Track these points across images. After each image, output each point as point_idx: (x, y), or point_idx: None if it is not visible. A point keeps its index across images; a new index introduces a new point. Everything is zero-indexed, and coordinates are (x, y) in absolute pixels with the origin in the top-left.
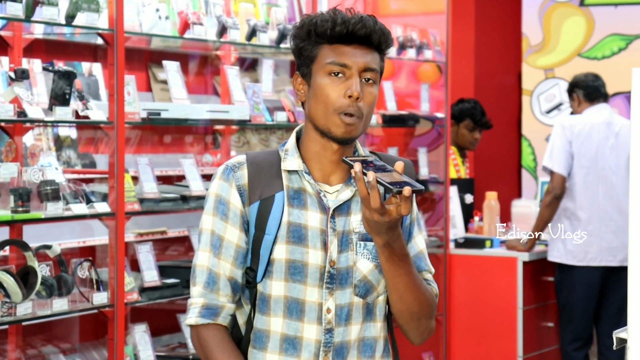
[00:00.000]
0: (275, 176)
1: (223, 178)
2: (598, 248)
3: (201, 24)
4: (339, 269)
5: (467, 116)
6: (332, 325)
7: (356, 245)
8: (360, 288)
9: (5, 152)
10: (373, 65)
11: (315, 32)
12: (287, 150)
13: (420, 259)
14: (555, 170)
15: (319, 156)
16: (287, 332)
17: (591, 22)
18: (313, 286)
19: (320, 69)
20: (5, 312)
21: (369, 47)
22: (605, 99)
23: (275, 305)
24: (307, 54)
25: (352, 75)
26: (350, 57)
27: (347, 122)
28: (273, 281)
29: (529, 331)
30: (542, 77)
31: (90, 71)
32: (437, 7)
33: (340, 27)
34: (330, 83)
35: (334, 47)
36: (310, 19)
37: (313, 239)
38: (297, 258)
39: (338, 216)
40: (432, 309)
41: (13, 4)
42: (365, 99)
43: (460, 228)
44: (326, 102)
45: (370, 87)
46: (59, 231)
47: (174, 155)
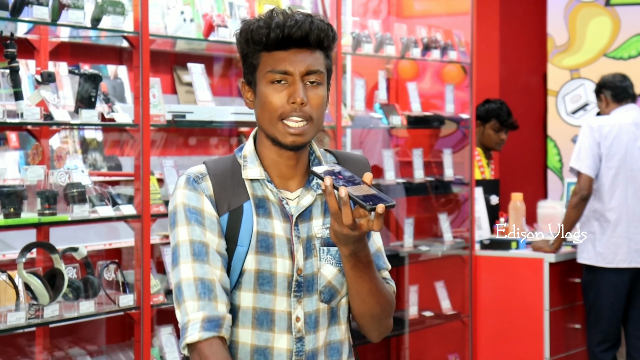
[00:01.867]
0: (238, 185)
1: (189, 188)
2: (627, 249)
3: (226, 26)
4: (306, 276)
5: (493, 117)
6: (302, 333)
7: (319, 251)
8: (325, 294)
9: (32, 155)
10: (315, 67)
11: (253, 40)
12: (246, 157)
13: (378, 257)
14: (582, 172)
15: (276, 163)
16: (257, 343)
17: (617, 22)
18: (282, 295)
19: (262, 77)
20: (33, 315)
21: (309, 48)
22: (633, 100)
23: (244, 316)
24: (249, 62)
25: (295, 81)
26: (290, 63)
27: (292, 129)
28: (242, 292)
29: (556, 333)
30: (568, 77)
31: (115, 74)
32: (462, 7)
33: (275, 33)
34: (273, 91)
35: (272, 55)
36: (247, 25)
37: (280, 248)
38: (265, 268)
39: (301, 223)
40: (391, 308)
41: (39, 8)
42: (311, 102)
43: (485, 229)
44: (270, 110)
45: (316, 89)
46: (85, 233)
47: (199, 157)
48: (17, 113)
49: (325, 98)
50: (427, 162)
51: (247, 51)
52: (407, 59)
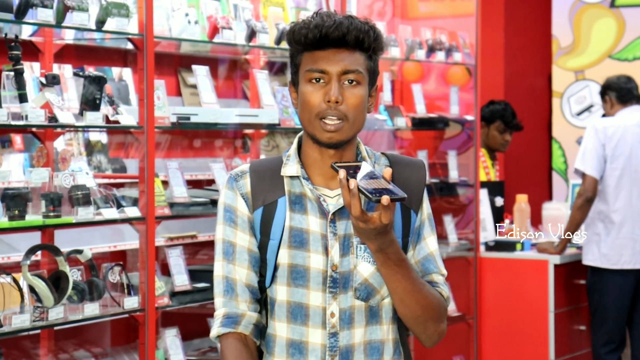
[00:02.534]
0: (277, 182)
1: (228, 187)
2: (632, 251)
3: (230, 29)
4: (342, 272)
5: (497, 118)
6: (336, 329)
7: (356, 249)
8: (360, 291)
9: (36, 157)
10: (353, 67)
11: (294, 40)
12: (289, 156)
13: (430, 261)
14: (587, 173)
15: (318, 161)
16: (292, 337)
17: (622, 24)
18: (316, 290)
19: (303, 76)
20: (38, 317)
21: (347, 48)
22: (638, 101)
23: (279, 310)
24: (293, 62)
25: (331, 79)
26: (328, 62)
27: (328, 126)
28: (277, 286)
29: (561, 334)
30: (573, 79)
31: (120, 76)
32: (467, 9)
33: (313, 33)
34: (312, 89)
35: (312, 54)
36: (291, 27)
37: (314, 244)
38: (299, 262)
39: (339, 220)
40: (439, 312)
41: (44, 10)
42: (347, 102)
43: (490, 231)
44: (309, 108)
45: (354, 88)
46: (90, 236)
47: (203, 159)
48: (21, 115)
49: (365, 98)
50: (432, 163)
51: (291, 52)
52: (411, 61)
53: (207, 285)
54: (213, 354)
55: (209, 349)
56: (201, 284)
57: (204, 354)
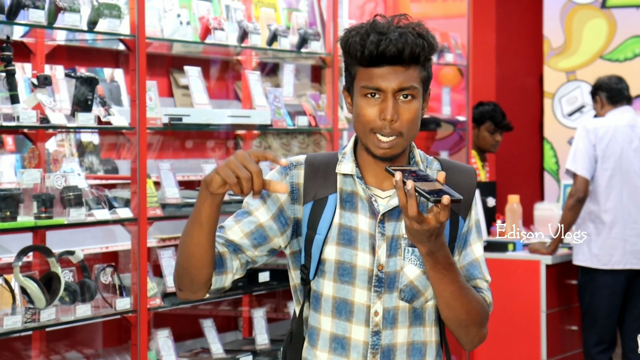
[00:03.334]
0: (330, 178)
1: (278, 171)
2: (622, 251)
3: (222, 29)
4: (388, 272)
5: (487, 119)
6: (379, 327)
7: (404, 251)
8: (405, 293)
9: (28, 158)
10: (408, 84)
11: (349, 53)
12: (345, 154)
13: (474, 267)
14: (578, 173)
15: (372, 163)
16: (335, 332)
17: (613, 24)
18: (362, 288)
19: (358, 90)
20: (29, 318)
21: (403, 65)
22: (628, 102)
23: (325, 304)
24: (349, 71)
25: (387, 97)
26: (383, 80)
27: (382, 143)
28: (325, 280)
29: (553, 334)
30: (564, 79)
31: (112, 77)
32: (458, 10)
33: (369, 50)
34: (367, 104)
35: (366, 70)
36: (346, 36)
37: (362, 242)
38: (346, 259)
39: (388, 221)
40: (482, 317)
41: (35, 11)
42: (402, 117)
43: (482, 231)
44: (363, 122)
45: (409, 103)
46: (82, 237)
47: (195, 160)
48: (13, 116)
49: (419, 111)
50: None
51: (346, 62)
52: None
53: None
54: (205, 355)
55: (201, 349)
56: None
57: (196, 355)
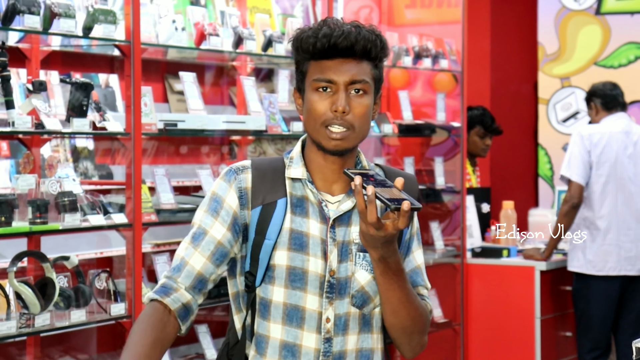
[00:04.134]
0: (278, 183)
1: (224, 179)
2: (617, 257)
3: (217, 35)
4: (339, 278)
5: (477, 123)
6: (330, 334)
7: (355, 256)
8: (357, 298)
9: (23, 164)
10: (360, 77)
11: (302, 48)
12: (292, 158)
13: (417, 274)
14: (573, 180)
15: (321, 167)
16: (286, 339)
17: (607, 31)
18: (313, 294)
19: (309, 85)
20: (24, 324)
21: (355, 58)
22: (623, 108)
23: (275, 311)
24: (300, 69)
25: (339, 89)
26: (335, 72)
27: (334, 134)
28: (274, 287)
29: (547, 341)
30: (558, 85)
31: (107, 82)
32: (453, 16)
33: (322, 42)
34: (319, 98)
35: (319, 63)
36: (299, 34)
37: (314, 247)
38: (297, 265)
39: (338, 226)
40: (425, 324)
41: (31, 17)
42: (354, 111)
43: (477, 237)
44: (315, 116)
45: (360, 98)
46: (77, 242)
47: (190, 165)
48: (8, 122)
49: (370, 107)
50: (419, 170)
51: (297, 59)
52: (398, 68)
53: None
54: None
55: (196, 355)
56: None
57: None
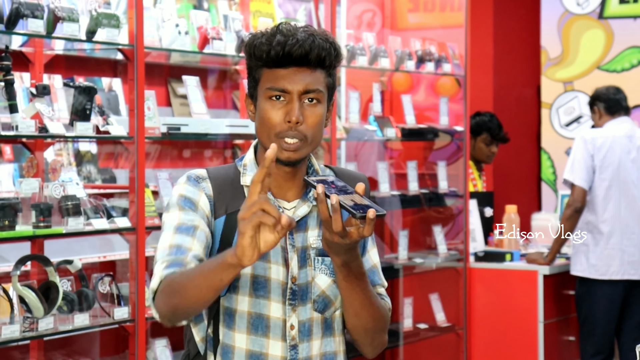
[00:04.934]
0: (238, 191)
1: (189, 184)
2: (620, 261)
3: (220, 39)
4: (300, 284)
5: (484, 130)
6: (296, 341)
7: (314, 261)
8: (319, 303)
9: (26, 168)
10: (314, 87)
11: (255, 55)
12: (246, 166)
13: (374, 273)
14: (576, 184)
15: (274, 174)
16: (252, 349)
17: (610, 35)
18: (277, 302)
19: (262, 93)
20: (27, 327)
21: (309, 67)
22: (626, 112)
23: (240, 320)
24: (252, 75)
25: (292, 99)
26: (289, 82)
27: (288, 145)
28: (239, 296)
29: (550, 345)
30: (561, 89)
31: (110, 86)
32: (456, 20)
33: (275, 51)
34: (272, 107)
35: (272, 71)
36: (252, 39)
37: (275, 255)
38: (260, 273)
39: (296, 232)
40: (386, 323)
41: (34, 21)
42: (307, 121)
43: (480, 241)
44: (268, 126)
45: (314, 107)
46: (80, 246)
47: (193, 169)
48: (11, 126)
49: (324, 116)
50: (422, 174)
51: (250, 65)
52: (401, 72)
53: None
54: None
55: None
56: None
57: None
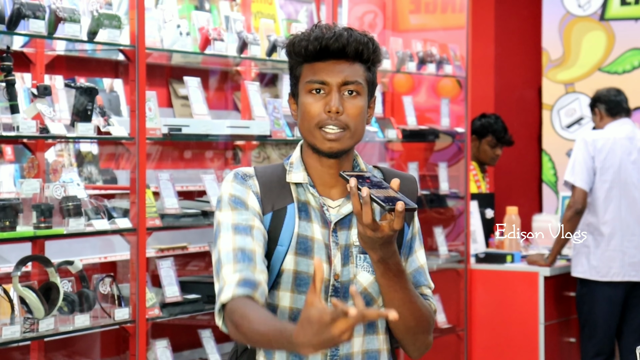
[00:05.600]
0: (284, 188)
1: (237, 182)
2: (621, 263)
3: (222, 40)
4: (342, 282)
5: (489, 132)
6: None
7: (356, 258)
8: None
9: (27, 168)
10: (353, 78)
11: (294, 52)
12: (292, 164)
13: (420, 274)
14: (577, 185)
15: (319, 171)
16: None
17: (611, 37)
18: None
19: (303, 88)
20: (28, 328)
21: (347, 60)
22: (627, 114)
23: (281, 316)
24: (293, 74)
25: (332, 90)
26: (328, 74)
27: (329, 135)
28: (280, 292)
29: (551, 346)
30: (563, 91)
31: (111, 87)
32: (457, 22)
33: (314, 45)
34: (312, 100)
35: (311, 66)
36: (291, 39)
37: (319, 252)
38: (303, 269)
39: (340, 230)
40: (429, 324)
41: (35, 21)
42: (348, 112)
43: (481, 243)
44: (308, 118)
45: (354, 99)
46: (81, 247)
47: (194, 170)
48: (13, 126)
49: (364, 108)
50: (423, 175)
51: (291, 64)
52: (402, 73)
53: (198, 297)
54: None
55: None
56: (192, 295)
57: None
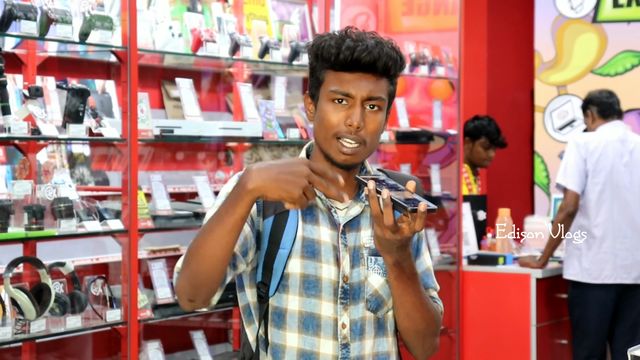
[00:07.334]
0: None
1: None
2: (613, 265)
3: (214, 42)
4: (352, 284)
5: (483, 134)
6: (347, 340)
7: (367, 260)
8: (371, 302)
9: (19, 170)
10: (377, 94)
11: (322, 56)
12: None
13: (427, 276)
14: (569, 188)
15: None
16: (303, 347)
17: (604, 39)
18: (328, 301)
19: (325, 94)
20: (19, 330)
21: (375, 74)
22: (619, 116)
23: (291, 320)
24: (316, 76)
25: (355, 104)
26: (354, 87)
27: (346, 148)
28: (289, 295)
29: (543, 348)
30: (555, 93)
31: (103, 89)
32: (450, 24)
33: (345, 55)
34: (333, 109)
35: (338, 75)
36: (319, 40)
37: (326, 254)
38: (310, 272)
39: (349, 232)
40: (438, 326)
41: (27, 23)
42: (367, 127)
43: (473, 245)
44: (327, 127)
45: (375, 114)
46: (73, 248)
47: (186, 172)
48: (4, 127)
49: (383, 123)
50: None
51: (315, 65)
52: None
53: None
54: None
55: None
56: None
57: None
